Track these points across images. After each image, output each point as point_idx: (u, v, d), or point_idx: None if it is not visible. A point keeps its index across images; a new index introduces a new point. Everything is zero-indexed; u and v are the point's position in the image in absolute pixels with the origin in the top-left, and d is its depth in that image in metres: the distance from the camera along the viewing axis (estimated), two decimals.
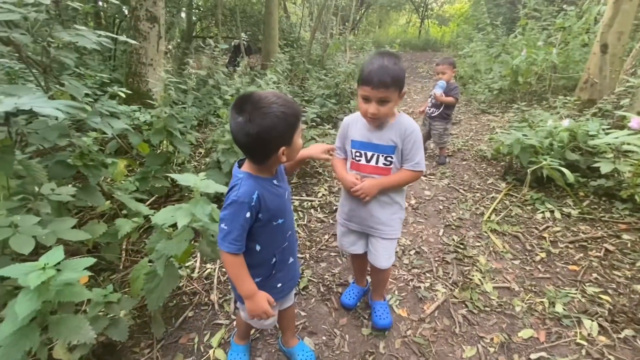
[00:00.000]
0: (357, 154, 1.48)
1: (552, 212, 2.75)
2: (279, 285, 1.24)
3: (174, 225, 1.45)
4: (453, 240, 2.46)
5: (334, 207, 2.90)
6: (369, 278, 1.94)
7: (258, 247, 1.13)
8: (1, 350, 0.99)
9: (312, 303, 1.91)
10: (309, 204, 2.94)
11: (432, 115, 3.57)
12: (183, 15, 7.85)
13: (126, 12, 5.20)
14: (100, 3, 5.15)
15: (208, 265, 2.16)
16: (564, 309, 1.82)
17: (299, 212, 2.81)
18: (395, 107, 1.38)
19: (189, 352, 1.60)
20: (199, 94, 3.15)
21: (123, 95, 2.34)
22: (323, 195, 3.09)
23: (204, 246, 1.55)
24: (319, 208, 2.90)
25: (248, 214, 1.01)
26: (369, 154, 1.45)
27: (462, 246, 2.38)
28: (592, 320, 1.73)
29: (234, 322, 1.74)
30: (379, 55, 1.32)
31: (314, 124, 3.60)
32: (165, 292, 1.42)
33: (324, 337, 1.70)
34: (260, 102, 0.96)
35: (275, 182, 1.11)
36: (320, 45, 7.66)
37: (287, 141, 1.02)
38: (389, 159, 1.43)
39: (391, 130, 1.41)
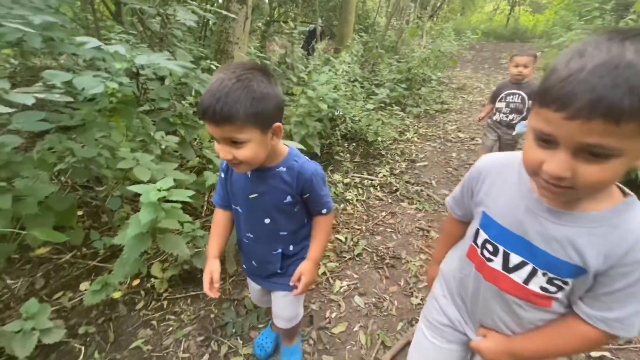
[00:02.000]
0: (490, 247, 0.73)
1: None
2: (244, 266, 1.20)
3: None
4: None
5: (394, 188, 2.94)
6: None
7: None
8: (126, 249, 1.29)
9: (365, 269, 2.03)
10: (369, 182, 3.03)
11: (512, 122, 3.15)
12: None
13: None
14: None
15: None
16: None
17: (359, 189, 2.91)
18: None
19: None
20: (280, 70, 3.39)
21: (215, 69, 2.65)
22: (384, 175, 3.15)
23: None
24: (378, 187, 2.97)
25: (222, 174, 1.04)
26: (516, 259, 0.69)
27: None
28: None
29: None
30: (611, 38, 0.47)
31: (382, 104, 3.63)
32: None
33: (373, 299, 1.81)
34: None
35: (248, 173, 0.97)
36: (395, 31, 7.49)
37: None
38: (557, 282, 0.65)
39: (593, 232, 0.60)
